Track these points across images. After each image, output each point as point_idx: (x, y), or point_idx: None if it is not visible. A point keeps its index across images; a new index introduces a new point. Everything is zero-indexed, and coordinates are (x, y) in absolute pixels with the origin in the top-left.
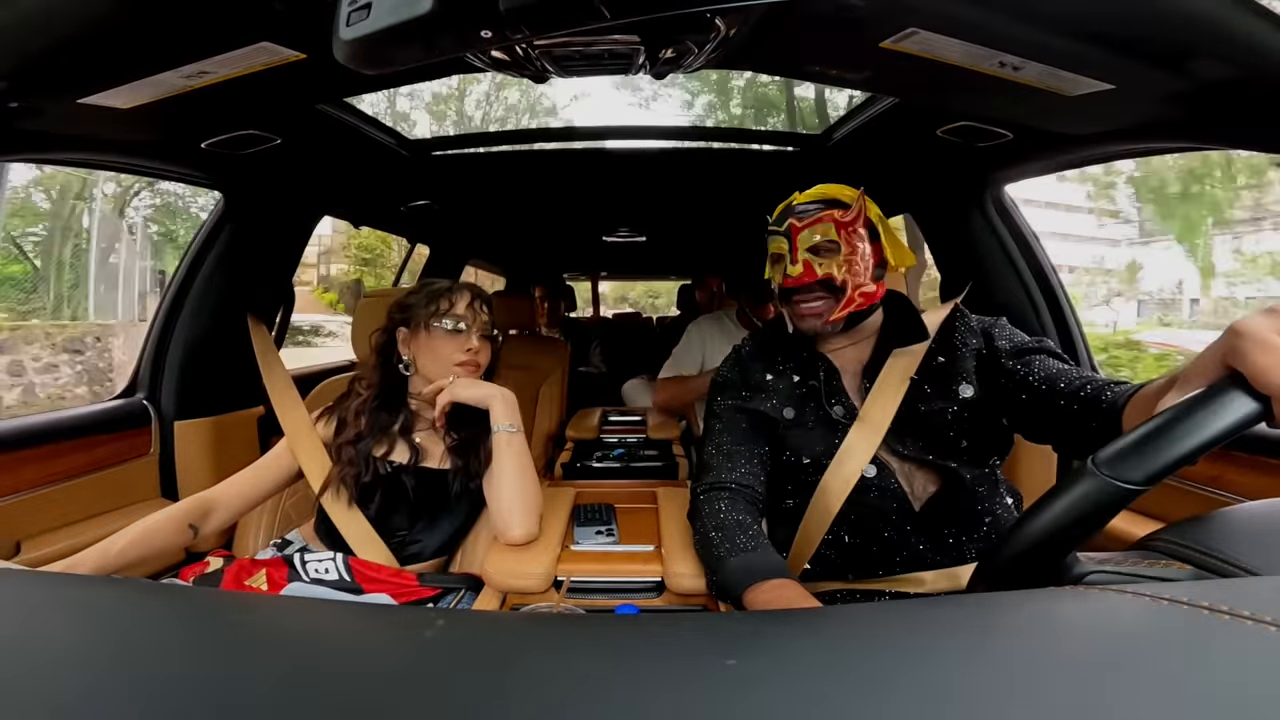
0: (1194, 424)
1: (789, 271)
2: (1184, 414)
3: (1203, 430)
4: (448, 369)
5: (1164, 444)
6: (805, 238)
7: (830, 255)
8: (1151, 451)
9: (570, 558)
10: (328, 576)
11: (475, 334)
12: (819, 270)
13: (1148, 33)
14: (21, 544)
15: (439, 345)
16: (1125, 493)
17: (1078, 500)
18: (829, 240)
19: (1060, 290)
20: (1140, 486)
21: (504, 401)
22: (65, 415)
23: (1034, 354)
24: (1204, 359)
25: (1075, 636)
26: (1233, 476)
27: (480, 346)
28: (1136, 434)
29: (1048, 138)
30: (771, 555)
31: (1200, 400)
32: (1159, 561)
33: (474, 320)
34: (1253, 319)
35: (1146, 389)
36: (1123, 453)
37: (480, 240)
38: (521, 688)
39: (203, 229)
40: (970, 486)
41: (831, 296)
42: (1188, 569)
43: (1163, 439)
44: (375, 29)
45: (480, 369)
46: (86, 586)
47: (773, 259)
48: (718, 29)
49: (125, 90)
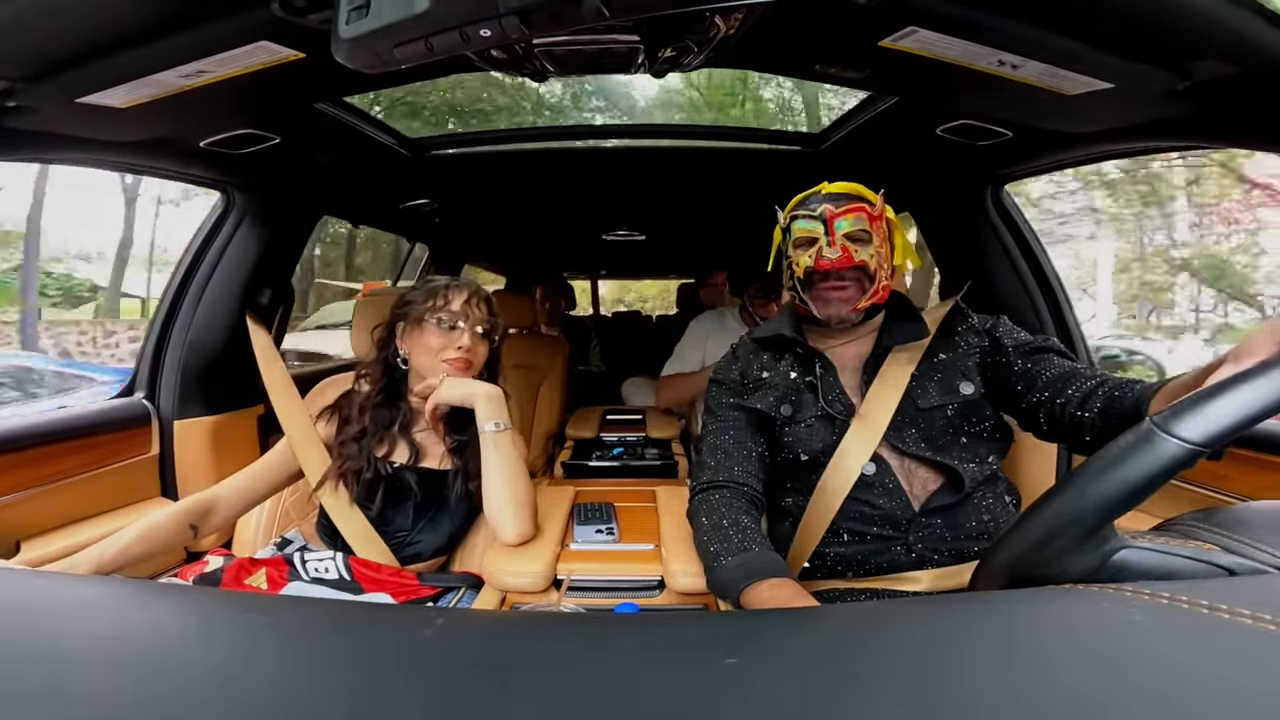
0: (1262, 386)
1: (825, 254)
2: (1251, 377)
3: (1271, 392)
4: (438, 365)
5: (1231, 404)
6: (843, 224)
7: (864, 244)
8: (1217, 410)
9: (570, 556)
10: (328, 576)
11: (469, 332)
12: (856, 256)
13: (1147, 31)
14: (21, 543)
15: (431, 340)
16: (1187, 453)
17: (1136, 461)
18: (863, 230)
19: (1060, 289)
20: (1201, 448)
21: (488, 399)
22: (65, 415)
23: (1043, 353)
24: (1257, 338)
25: (1076, 635)
26: (1234, 475)
27: (473, 344)
28: (1201, 395)
29: (1047, 136)
30: (770, 554)
31: (1267, 365)
32: (1190, 541)
33: (468, 317)
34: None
35: (1176, 382)
36: (1188, 412)
37: (480, 239)
38: (521, 687)
39: (202, 228)
40: (970, 484)
41: (860, 284)
42: (1217, 550)
43: (1229, 399)
44: (374, 28)
45: (472, 368)
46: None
47: (799, 243)
48: (717, 28)
49: (123, 89)
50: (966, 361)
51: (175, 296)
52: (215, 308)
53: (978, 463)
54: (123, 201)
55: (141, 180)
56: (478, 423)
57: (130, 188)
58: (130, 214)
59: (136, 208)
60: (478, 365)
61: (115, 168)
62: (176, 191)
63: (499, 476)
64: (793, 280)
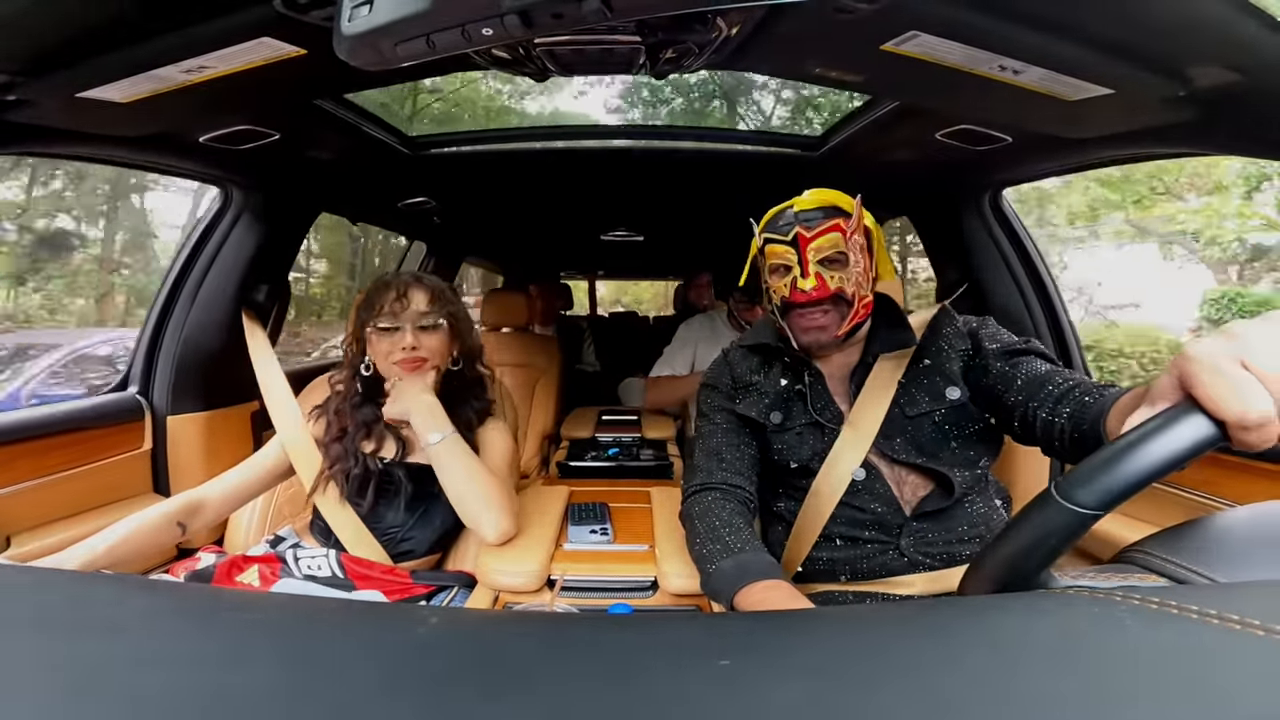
0: (1150, 450)
1: (801, 286)
2: (1140, 440)
3: (1158, 456)
4: (390, 370)
5: (1121, 472)
6: (816, 249)
7: (839, 267)
8: (1109, 479)
9: (564, 556)
10: (320, 573)
11: (408, 329)
12: (831, 284)
13: (1148, 38)
14: (11, 538)
15: (379, 347)
16: (1084, 518)
17: (1041, 526)
18: (838, 252)
19: (1055, 294)
20: (1097, 512)
21: (422, 413)
22: (57, 409)
23: (1021, 355)
24: (1163, 382)
25: (1066, 639)
26: (1223, 481)
27: (417, 339)
28: (1096, 461)
29: (1047, 142)
30: (763, 556)
31: (1157, 426)
32: (1133, 575)
33: (402, 314)
34: (1204, 344)
35: (1123, 399)
36: (1081, 479)
37: (478, 238)
38: (514, 687)
39: (199, 223)
40: (960, 489)
41: (838, 310)
42: (1162, 581)
43: (1120, 467)
44: (376, 25)
45: (423, 364)
46: (75, 582)
47: (775, 269)
48: (719, 29)
49: (124, 84)
50: (952, 366)
51: (171, 291)
52: (211, 303)
53: (969, 466)
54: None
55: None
56: (420, 440)
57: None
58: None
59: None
60: (435, 359)
61: (114, 162)
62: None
63: (456, 487)
64: (770, 305)
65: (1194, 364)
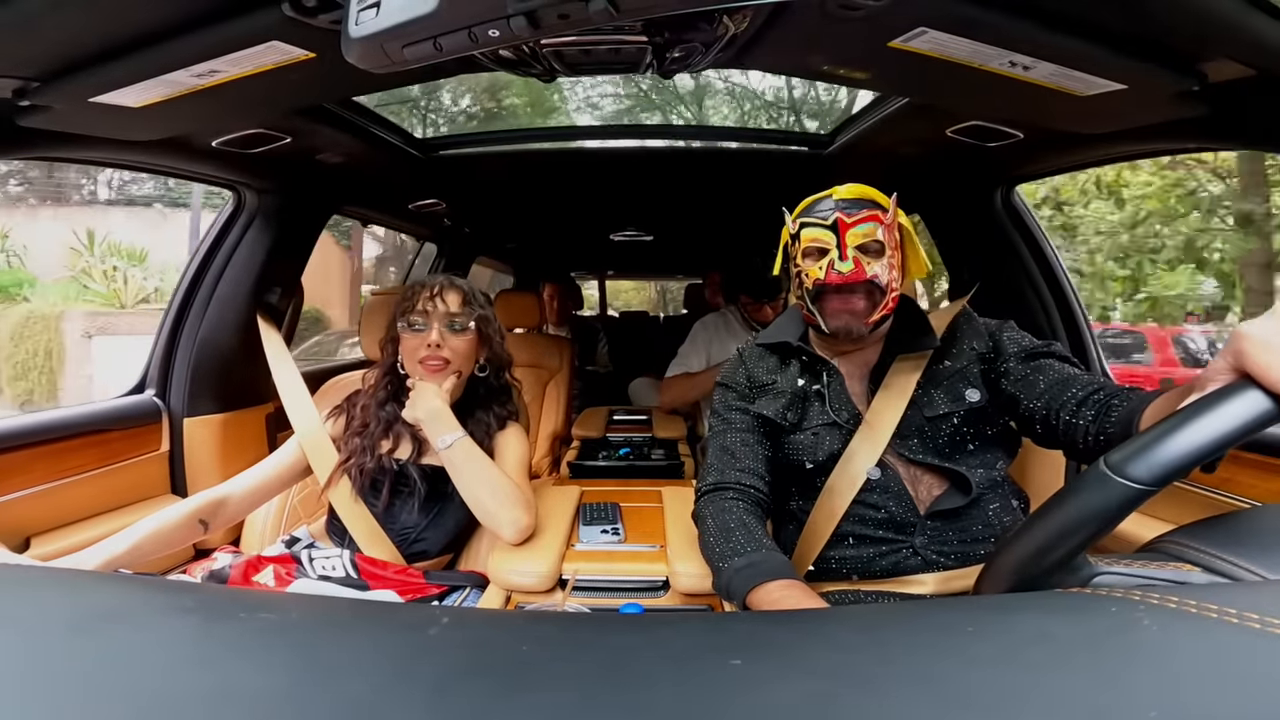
0: (1207, 424)
1: (839, 268)
2: (1195, 414)
3: (1215, 430)
4: (415, 369)
5: (1176, 445)
6: (855, 234)
7: (876, 256)
8: (1163, 452)
9: (575, 556)
10: (334, 573)
11: (436, 328)
12: (868, 270)
13: (1160, 32)
14: (31, 539)
15: (408, 345)
16: (1136, 493)
17: (1089, 502)
18: (875, 240)
19: (1071, 292)
20: (1151, 488)
21: (430, 418)
22: (76, 412)
23: (1043, 358)
24: (1216, 365)
25: (1084, 639)
26: (1242, 480)
27: (443, 339)
28: (1149, 435)
29: (1059, 138)
30: (776, 555)
31: (1211, 400)
32: (1169, 564)
33: (433, 313)
34: (1257, 322)
35: (1161, 398)
36: (1135, 453)
37: (488, 239)
38: (525, 686)
39: (213, 227)
40: (976, 490)
41: (871, 298)
42: (1197, 571)
43: (1175, 439)
44: (384, 28)
45: (447, 365)
46: (93, 582)
47: (809, 253)
48: (726, 28)
49: (136, 89)
50: (971, 368)
51: (186, 294)
52: (226, 306)
53: (984, 468)
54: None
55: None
56: (432, 444)
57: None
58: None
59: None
60: (459, 362)
61: (129, 166)
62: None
63: (470, 488)
64: (801, 290)
65: (1249, 342)
